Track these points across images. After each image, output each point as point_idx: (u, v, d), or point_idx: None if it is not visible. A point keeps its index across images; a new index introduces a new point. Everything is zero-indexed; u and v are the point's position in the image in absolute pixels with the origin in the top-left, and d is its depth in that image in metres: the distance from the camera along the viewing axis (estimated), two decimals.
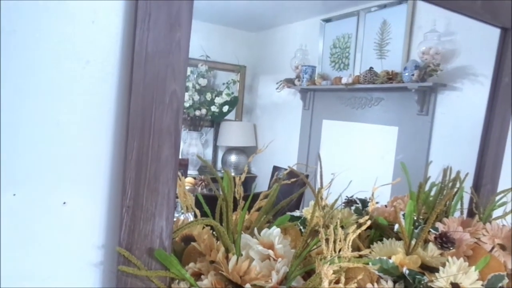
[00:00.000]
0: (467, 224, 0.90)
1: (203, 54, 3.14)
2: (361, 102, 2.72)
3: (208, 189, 2.21)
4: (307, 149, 3.06)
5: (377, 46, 2.61)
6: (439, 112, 2.27)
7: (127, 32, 0.56)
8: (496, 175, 1.06)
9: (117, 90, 0.57)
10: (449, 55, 2.19)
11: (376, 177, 0.83)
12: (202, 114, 3.13)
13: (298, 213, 0.94)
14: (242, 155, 3.41)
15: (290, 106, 3.29)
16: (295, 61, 3.06)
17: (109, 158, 0.59)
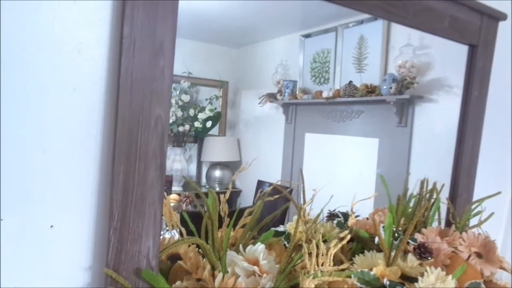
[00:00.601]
0: (444, 234, 0.94)
1: (185, 70, 3.16)
2: (342, 115, 2.78)
3: (193, 205, 2.22)
4: (290, 162, 3.10)
5: (356, 60, 2.68)
6: (417, 124, 2.34)
7: (113, 61, 0.58)
8: (471, 185, 1.10)
9: (103, 116, 0.59)
10: (424, 68, 2.27)
11: (357, 190, 0.86)
12: (185, 130, 3.14)
13: (282, 228, 0.97)
14: (226, 170, 3.42)
15: (272, 120, 3.33)
16: (277, 76, 3.12)
17: (96, 182, 0.60)
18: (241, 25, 3.01)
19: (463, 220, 0.95)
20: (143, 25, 0.57)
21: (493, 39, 1.07)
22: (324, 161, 2.83)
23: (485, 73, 1.07)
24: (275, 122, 3.18)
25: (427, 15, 0.92)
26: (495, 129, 1.23)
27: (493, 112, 1.15)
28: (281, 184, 1.64)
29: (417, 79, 2.25)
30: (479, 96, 1.07)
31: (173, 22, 0.60)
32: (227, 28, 3.07)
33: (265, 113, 3.28)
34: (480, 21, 1.03)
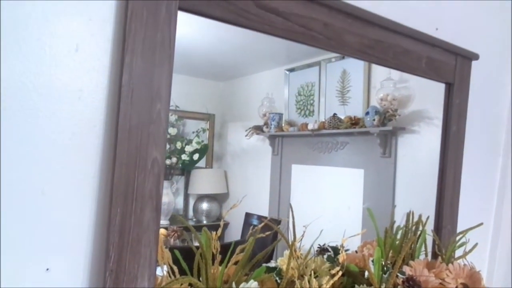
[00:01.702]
0: (432, 266, 0.96)
1: (172, 104, 3.19)
2: (328, 146, 2.83)
3: (181, 239, 2.19)
4: (278, 194, 3.11)
5: (339, 93, 2.76)
6: (401, 154, 2.40)
7: (111, 106, 0.60)
8: (454, 216, 1.14)
9: (101, 159, 0.61)
10: (405, 100, 2.35)
11: (345, 222, 0.88)
12: (172, 163, 3.14)
13: (273, 263, 0.98)
14: (213, 202, 3.41)
15: (259, 152, 3.36)
16: (263, 109, 3.18)
17: (93, 224, 0.61)
18: (227, 60, 3.09)
19: (449, 251, 0.98)
20: (141, 73, 0.60)
21: (467, 77, 1.14)
22: (311, 192, 2.85)
23: (462, 109, 1.13)
24: (262, 154, 3.22)
25: (405, 56, 0.98)
26: (476, 162, 1.28)
27: (472, 145, 1.20)
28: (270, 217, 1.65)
29: (399, 111, 2.32)
30: (458, 131, 1.12)
31: (169, 68, 0.64)
32: (213, 62, 3.14)
33: (252, 145, 3.31)
34: (454, 61, 1.10)
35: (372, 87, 2.56)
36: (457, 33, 1.17)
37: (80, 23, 0.57)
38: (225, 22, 0.69)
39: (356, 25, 0.88)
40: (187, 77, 3.51)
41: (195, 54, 2.93)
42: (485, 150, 1.38)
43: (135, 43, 0.58)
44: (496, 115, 1.41)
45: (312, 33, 0.80)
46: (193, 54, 2.93)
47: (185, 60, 2.99)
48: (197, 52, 2.91)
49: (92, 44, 0.59)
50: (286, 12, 0.76)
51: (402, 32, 0.96)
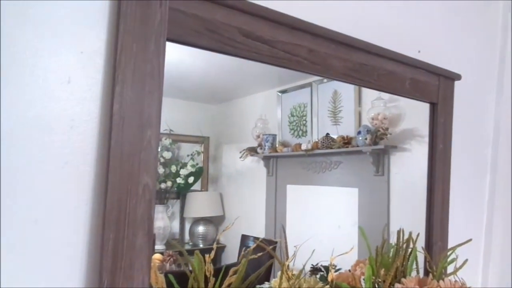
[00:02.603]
0: (423, 283, 0.97)
1: (166, 128, 3.22)
2: (322, 166, 2.84)
3: (176, 264, 2.18)
4: (273, 215, 3.11)
5: (331, 113, 2.81)
6: (394, 172, 2.42)
7: (103, 135, 0.63)
8: (445, 233, 1.15)
9: (93, 186, 0.63)
10: (395, 119, 2.39)
11: (340, 241, 0.90)
12: (167, 187, 3.14)
13: (267, 285, 0.98)
14: (209, 225, 3.40)
15: (254, 174, 3.37)
16: (256, 130, 3.21)
17: (86, 250, 0.62)
18: (220, 83, 3.14)
19: (439, 268, 0.99)
20: (132, 102, 0.63)
21: (451, 97, 1.18)
22: (307, 213, 2.85)
23: (447, 128, 1.17)
24: (257, 175, 3.23)
25: (389, 78, 1.01)
26: (464, 179, 1.31)
27: (459, 163, 1.23)
28: (266, 239, 1.65)
29: (390, 130, 2.36)
30: (444, 149, 1.15)
31: (159, 97, 0.66)
32: (206, 86, 3.18)
33: (247, 166, 3.33)
34: (437, 81, 1.14)
35: (363, 106, 2.61)
36: (439, 55, 1.21)
37: (72, 56, 0.60)
38: (212, 51, 0.72)
39: (340, 50, 0.91)
40: (181, 101, 3.55)
41: (188, 78, 2.98)
42: (473, 168, 1.40)
43: (125, 74, 0.61)
44: (482, 133, 1.44)
45: (297, 58, 0.84)
46: (186, 78, 2.98)
47: (178, 84, 3.03)
48: (190, 76, 2.96)
49: (84, 75, 0.61)
50: (272, 40, 0.79)
51: (385, 55, 1.00)
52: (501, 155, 1.44)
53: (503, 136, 1.44)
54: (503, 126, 1.43)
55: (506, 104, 1.44)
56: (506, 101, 1.44)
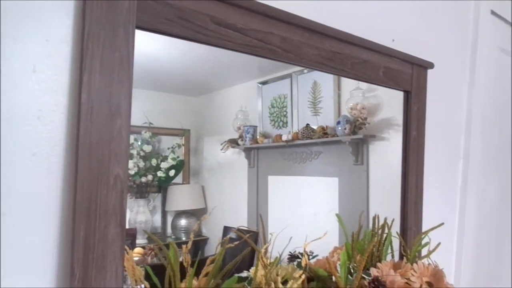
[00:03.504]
0: (397, 267, 0.99)
1: (146, 121, 3.19)
2: (302, 157, 2.86)
3: (158, 258, 2.17)
4: (255, 206, 3.12)
5: (311, 104, 2.82)
6: (372, 161, 2.46)
7: (71, 125, 0.62)
8: (419, 218, 1.18)
9: (62, 177, 0.62)
10: (374, 109, 2.42)
11: (322, 230, 0.91)
12: (148, 180, 3.11)
13: (245, 273, 0.99)
14: (192, 218, 3.39)
15: (236, 165, 3.37)
16: (237, 122, 3.20)
17: (56, 242, 0.61)
18: (199, 75, 3.11)
19: (413, 252, 1.01)
20: (100, 91, 0.62)
21: (424, 85, 1.20)
22: (288, 203, 2.88)
23: (420, 115, 1.19)
24: (238, 167, 3.23)
25: (363, 67, 1.02)
26: (437, 165, 1.34)
27: (433, 150, 1.25)
28: (246, 229, 1.66)
29: (368, 119, 2.39)
30: (418, 136, 1.17)
31: (129, 86, 0.65)
32: (186, 78, 3.15)
33: (228, 158, 3.32)
34: (411, 70, 1.15)
35: (342, 97, 2.63)
36: (413, 44, 1.23)
37: (37, 44, 0.59)
38: (184, 39, 0.72)
39: (313, 38, 0.91)
40: (161, 94, 3.52)
41: (168, 70, 2.95)
42: (446, 154, 1.43)
43: (93, 63, 0.60)
44: (455, 120, 1.48)
45: (270, 47, 0.84)
46: (165, 71, 2.94)
47: (157, 77, 3.00)
48: (169, 69, 2.92)
49: (50, 64, 0.60)
50: (244, 28, 0.79)
51: (359, 44, 1.01)
52: (474, 141, 1.47)
53: (475, 123, 1.47)
54: (475, 113, 1.47)
55: (477, 92, 1.47)
56: (478, 89, 1.47)
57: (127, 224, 2.14)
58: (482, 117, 1.49)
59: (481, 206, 1.56)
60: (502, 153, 1.70)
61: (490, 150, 1.60)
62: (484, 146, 1.55)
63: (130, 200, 3.18)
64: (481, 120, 1.49)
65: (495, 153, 1.64)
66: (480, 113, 1.48)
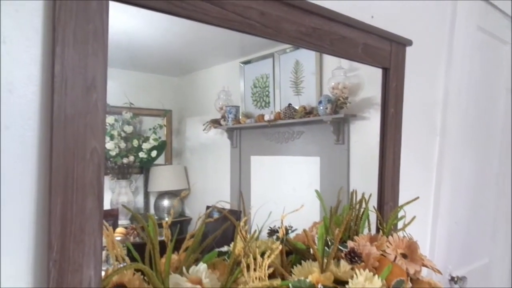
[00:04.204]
0: (374, 239, 1.02)
1: (126, 101, 3.14)
2: (284, 136, 2.88)
3: (140, 237, 2.18)
4: (238, 186, 3.14)
5: (293, 84, 2.82)
6: (353, 141, 2.49)
7: (45, 98, 0.61)
8: (395, 193, 1.21)
9: (38, 151, 0.61)
10: (355, 88, 2.44)
11: (303, 207, 0.93)
12: (130, 161, 3.09)
13: (226, 248, 1.00)
14: (174, 199, 3.39)
15: (218, 146, 3.37)
16: (219, 102, 3.18)
17: (33, 216, 0.61)
18: (180, 55, 3.07)
19: (388, 225, 1.04)
20: (74, 63, 0.60)
21: (402, 62, 1.21)
22: (271, 182, 2.91)
23: (398, 93, 1.21)
24: (221, 147, 3.23)
25: (342, 43, 1.03)
26: (414, 142, 1.37)
27: (410, 127, 1.28)
28: (229, 204, 1.67)
29: (350, 99, 2.41)
30: (395, 112, 1.19)
31: (104, 59, 0.64)
32: (167, 57, 3.11)
33: (211, 139, 3.32)
34: (389, 47, 1.16)
35: (324, 76, 2.64)
36: (392, 21, 1.24)
37: (6, 15, 0.57)
38: (159, 11, 0.70)
39: (293, 13, 0.91)
40: (141, 74, 3.46)
41: (148, 50, 2.89)
42: (423, 131, 1.46)
43: (66, 34, 0.59)
44: (432, 97, 1.50)
45: (249, 21, 0.83)
46: (145, 50, 2.89)
47: (137, 56, 2.94)
48: (149, 48, 2.87)
49: (21, 36, 0.58)
50: (221, 1, 0.78)
51: (338, 20, 1.01)
52: (450, 119, 1.51)
53: (452, 100, 1.50)
54: (452, 90, 1.49)
55: (455, 70, 1.50)
56: (455, 67, 1.50)
57: (109, 205, 2.13)
58: (458, 95, 1.52)
59: (456, 182, 1.61)
60: (477, 130, 1.74)
61: (466, 127, 1.64)
62: (460, 123, 1.59)
63: (112, 181, 3.16)
64: (458, 97, 1.52)
65: (470, 130, 1.68)
66: (457, 90, 1.51)
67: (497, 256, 2.05)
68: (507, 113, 1.94)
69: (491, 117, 1.86)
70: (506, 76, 1.91)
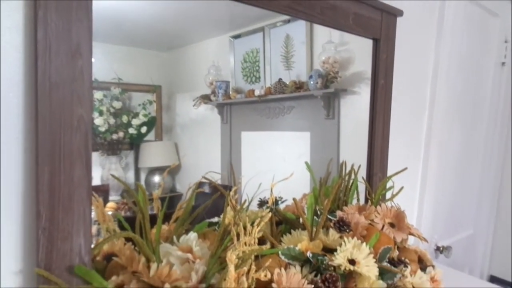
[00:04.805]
0: (362, 209, 1.04)
1: (115, 76, 3.09)
2: (275, 112, 2.88)
3: (131, 212, 2.19)
4: (229, 161, 3.15)
5: (284, 58, 2.80)
6: (343, 115, 2.50)
7: (29, 65, 0.59)
8: (384, 164, 1.22)
9: (23, 119, 0.60)
10: (345, 62, 2.43)
11: (293, 181, 0.94)
12: (120, 137, 3.06)
13: (216, 219, 1.01)
14: (165, 175, 3.39)
15: (209, 122, 3.35)
16: (209, 77, 3.15)
17: (21, 185, 0.61)
18: (169, 28, 3.01)
19: (377, 195, 1.06)
20: (58, 28, 0.59)
21: (393, 33, 1.20)
22: (261, 158, 2.92)
23: (388, 64, 1.20)
24: (211, 123, 3.22)
25: (333, 13, 1.01)
26: (404, 114, 1.37)
27: (399, 98, 1.28)
28: (221, 183, 1.68)
29: (340, 73, 2.40)
30: (385, 84, 1.19)
31: (88, 23, 0.63)
32: (155, 31, 3.05)
33: (201, 115, 3.30)
34: (380, 17, 1.15)
35: (314, 51, 2.62)
36: None
37: None
38: None
39: None
40: (129, 48, 3.40)
41: (136, 24, 2.83)
42: (412, 103, 1.47)
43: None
44: (422, 69, 1.50)
45: None
46: (134, 24, 2.82)
47: (124, 31, 2.88)
48: (138, 22, 2.81)
49: (2, 2, 0.56)
50: None
51: None
52: (439, 91, 1.51)
53: (442, 72, 1.50)
54: (442, 63, 1.49)
55: (445, 42, 1.49)
56: (445, 39, 1.49)
57: (99, 181, 2.13)
58: (448, 68, 1.52)
59: (444, 154, 1.63)
60: (465, 104, 1.76)
61: (454, 100, 1.65)
62: (449, 96, 1.59)
63: (102, 157, 3.14)
64: (447, 70, 1.52)
65: (458, 104, 1.69)
66: (447, 63, 1.51)
67: (481, 227, 2.11)
68: (495, 87, 1.96)
69: (479, 91, 1.88)
70: (496, 50, 1.92)
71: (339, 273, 0.78)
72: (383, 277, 0.84)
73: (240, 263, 0.61)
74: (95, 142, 2.24)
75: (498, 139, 2.05)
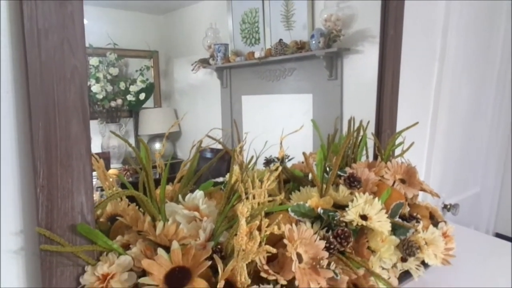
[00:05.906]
0: (372, 166, 1.01)
1: (110, 42, 3.00)
2: (276, 74, 2.81)
3: (134, 177, 2.17)
4: (230, 126, 3.11)
5: (284, 18, 2.70)
6: (347, 75, 2.43)
7: (14, 11, 0.54)
8: (393, 121, 1.18)
9: (12, 71, 0.55)
10: (348, 20, 2.34)
11: (298, 144, 0.91)
12: (118, 105, 3.01)
13: (221, 179, 0.99)
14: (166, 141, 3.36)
15: (208, 86, 3.29)
16: (207, 41, 3.05)
17: (15, 142, 0.57)
18: None
19: (387, 151, 1.02)
20: None
21: None
22: (263, 122, 2.87)
23: (398, 13, 1.14)
24: (211, 88, 3.15)
25: None
26: (413, 67, 1.32)
27: (409, 50, 1.22)
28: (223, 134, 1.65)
29: (343, 31, 2.32)
30: (395, 35, 1.13)
31: None
32: None
33: (200, 79, 3.23)
34: None
35: (315, 9, 2.52)
36: None
37: None
38: None
39: None
40: (124, 12, 3.27)
41: None
42: (422, 55, 1.41)
43: None
44: (433, 20, 1.43)
45: None
46: None
47: None
48: None
49: None
50: None
51: None
52: (450, 42, 1.45)
53: (453, 22, 1.43)
54: (453, 12, 1.42)
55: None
56: None
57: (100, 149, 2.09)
58: (460, 17, 1.45)
59: (453, 110, 1.59)
60: (476, 58, 1.69)
61: (465, 56, 1.59)
62: (459, 51, 1.53)
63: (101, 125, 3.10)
64: (459, 20, 1.45)
65: (469, 59, 1.63)
66: (458, 13, 1.44)
67: (488, 185, 2.09)
68: (507, 41, 1.88)
69: (490, 49, 1.81)
70: (508, 7, 1.83)
71: (351, 228, 0.76)
72: (396, 232, 0.82)
73: (250, 218, 0.58)
74: (94, 110, 2.19)
75: (507, 97, 2.00)
